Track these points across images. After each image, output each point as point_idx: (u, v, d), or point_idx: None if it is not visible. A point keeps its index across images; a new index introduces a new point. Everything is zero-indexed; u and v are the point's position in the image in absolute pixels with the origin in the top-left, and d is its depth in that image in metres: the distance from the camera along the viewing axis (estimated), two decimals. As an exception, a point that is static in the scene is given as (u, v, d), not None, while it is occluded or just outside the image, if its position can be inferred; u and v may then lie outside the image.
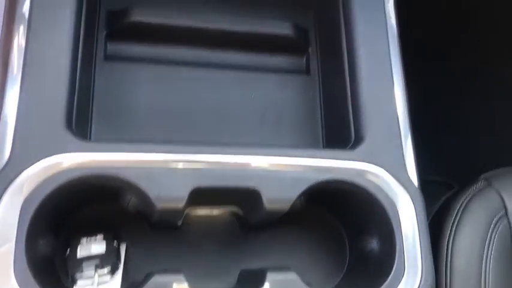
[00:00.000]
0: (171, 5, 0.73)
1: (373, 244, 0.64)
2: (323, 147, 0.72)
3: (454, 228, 0.70)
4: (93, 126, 0.65)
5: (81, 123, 0.61)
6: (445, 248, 0.69)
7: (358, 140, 0.64)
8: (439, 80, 1.24)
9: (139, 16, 0.69)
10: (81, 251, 0.55)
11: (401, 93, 0.68)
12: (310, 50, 0.77)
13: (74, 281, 0.54)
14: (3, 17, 0.65)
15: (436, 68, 1.24)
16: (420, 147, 0.67)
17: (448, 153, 1.25)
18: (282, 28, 0.74)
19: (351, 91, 0.67)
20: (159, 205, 0.54)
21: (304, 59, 0.77)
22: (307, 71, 0.77)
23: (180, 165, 0.56)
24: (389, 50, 0.69)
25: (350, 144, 0.64)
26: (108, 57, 0.70)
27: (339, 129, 0.69)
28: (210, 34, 0.73)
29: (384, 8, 0.71)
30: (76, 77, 0.60)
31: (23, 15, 0.59)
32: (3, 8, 0.66)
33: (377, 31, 0.69)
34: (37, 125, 0.55)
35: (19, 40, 0.59)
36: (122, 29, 0.70)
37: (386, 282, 0.58)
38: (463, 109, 1.23)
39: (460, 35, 1.21)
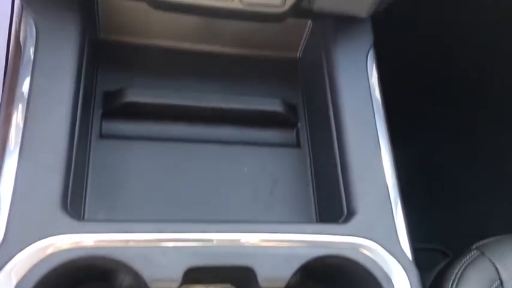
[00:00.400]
0: (165, 85, 0.76)
1: None
2: (316, 220, 0.72)
3: (451, 300, 0.70)
4: (87, 204, 0.66)
5: (75, 202, 0.62)
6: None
7: (351, 213, 0.64)
8: (427, 148, 1.27)
9: (134, 96, 0.72)
10: None
11: (390, 164, 0.69)
12: (299, 124, 0.80)
13: None
14: (3, 95, 0.67)
15: (422, 136, 1.27)
16: (412, 215, 0.68)
17: (439, 220, 1.26)
18: (272, 105, 0.77)
19: (340, 164, 0.69)
20: (153, 286, 0.54)
21: (294, 132, 0.80)
22: (297, 144, 0.79)
23: (174, 245, 0.56)
24: (375, 122, 0.71)
25: (343, 218, 0.65)
26: (103, 136, 0.71)
27: (331, 202, 0.70)
28: (203, 111, 0.75)
29: (368, 82, 0.74)
30: (72, 157, 0.61)
31: (22, 94, 0.61)
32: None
33: (363, 104, 0.72)
34: (32, 205, 0.55)
35: (17, 120, 0.60)
36: (117, 108, 0.72)
37: None
38: (452, 176, 1.25)
39: (441, 106, 1.26)
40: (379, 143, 0.69)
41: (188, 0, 0.63)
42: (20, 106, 0.61)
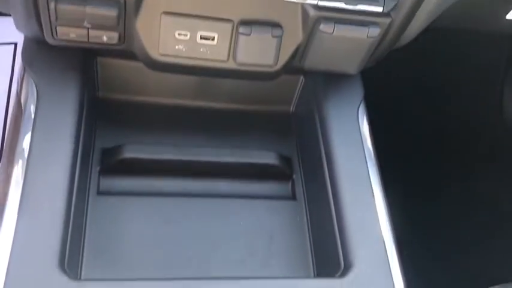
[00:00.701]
0: (161, 141, 0.78)
1: None
2: (314, 274, 0.72)
3: None
4: (84, 262, 0.66)
5: (73, 260, 0.62)
6: None
7: (347, 266, 0.65)
8: (423, 196, 1.28)
9: (131, 152, 0.73)
10: None
11: (385, 216, 0.70)
12: (294, 176, 0.81)
13: None
14: (4, 150, 0.69)
15: (417, 189, 1.28)
16: (410, 265, 0.68)
17: (438, 269, 1.25)
18: (267, 157, 0.78)
19: (336, 217, 0.70)
20: None
21: (290, 185, 0.81)
22: (293, 196, 0.80)
23: None
24: (368, 173, 0.72)
25: (340, 272, 0.65)
26: (100, 192, 0.72)
27: (328, 255, 0.70)
28: (199, 166, 0.76)
29: (360, 135, 0.76)
30: (70, 215, 0.61)
31: (23, 151, 0.63)
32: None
33: (355, 157, 0.73)
34: (30, 265, 0.56)
35: (17, 177, 0.61)
36: (114, 164, 0.73)
37: None
38: (449, 223, 1.26)
39: (433, 155, 1.28)
40: (373, 194, 0.71)
41: (184, 62, 0.66)
42: (20, 162, 0.62)
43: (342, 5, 0.62)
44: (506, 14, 0.79)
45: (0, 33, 1.25)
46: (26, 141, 0.63)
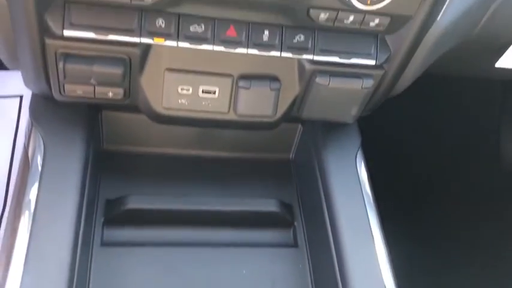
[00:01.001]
0: (165, 191, 0.79)
1: None
2: None
3: None
4: None
5: None
6: None
7: (350, 313, 0.65)
8: (420, 244, 1.27)
9: (135, 203, 0.75)
10: None
11: (386, 262, 0.70)
12: (296, 223, 0.82)
13: None
14: (11, 202, 0.70)
15: (416, 232, 1.29)
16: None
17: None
18: (268, 205, 0.80)
19: (337, 263, 0.70)
20: None
21: (291, 232, 0.82)
22: (295, 243, 0.80)
23: None
24: (368, 217, 0.73)
25: None
26: (104, 243, 0.73)
27: (330, 302, 0.70)
28: (201, 215, 0.77)
29: (359, 180, 0.77)
30: (75, 267, 0.62)
31: (29, 202, 0.64)
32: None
33: (355, 201, 0.75)
34: None
35: (23, 228, 0.62)
36: (118, 215, 0.74)
37: None
38: (451, 270, 1.25)
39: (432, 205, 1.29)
40: (373, 239, 0.71)
41: (187, 114, 0.68)
42: (27, 214, 0.63)
43: (336, 59, 0.65)
44: (495, 62, 0.82)
45: (7, 86, 1.29)
46: (32, 194, 0.65)
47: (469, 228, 1.23)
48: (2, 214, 1.11)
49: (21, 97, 1.27)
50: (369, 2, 0.54)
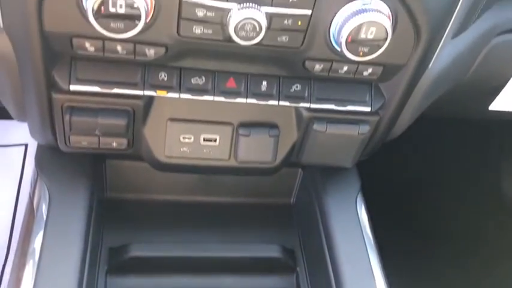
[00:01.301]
0: (167, 237, 0.80)
1: None
2: None
3: None
4: None
5: None
6: None
7: None
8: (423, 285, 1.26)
9: (137, 251, 0.75)
10: None
11: None
12: (298, 269, 0.82)
13: None
14: (16, 251, 0.71)
15: (419, 275, 1.28)
16: None
17: None
18: (270, 251, 0.80)
19: None
20: None
21: (294, 277, 0.82)
22: None
23: None
24: (369, 260, 0.74)
25: None
26: None
27: None
28: (204, 262, 0.78)
29: (360, 223, 0.78)
30: None
31: (34, 251, 0.65)
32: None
33: (356, 244, 0.75)
34: None
35: (28, 276, 0.63)
36: (121, 263, 0.75)
37: None
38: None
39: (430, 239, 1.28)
40: (375, 284, 0.71)
41: (188, 162, 0.70)
42: (31, 263, 0.64)
43: (332, 106, 0.67)
44: (489, 105, 0.84)
45: (13, 135, 1.31)
46: (37, 243, 0.66)
47: (470, 271, 1.22)
48: (5, 262, 1.11)
49: (26, 145, 1.29)
50: (361, 53, 0.56)
